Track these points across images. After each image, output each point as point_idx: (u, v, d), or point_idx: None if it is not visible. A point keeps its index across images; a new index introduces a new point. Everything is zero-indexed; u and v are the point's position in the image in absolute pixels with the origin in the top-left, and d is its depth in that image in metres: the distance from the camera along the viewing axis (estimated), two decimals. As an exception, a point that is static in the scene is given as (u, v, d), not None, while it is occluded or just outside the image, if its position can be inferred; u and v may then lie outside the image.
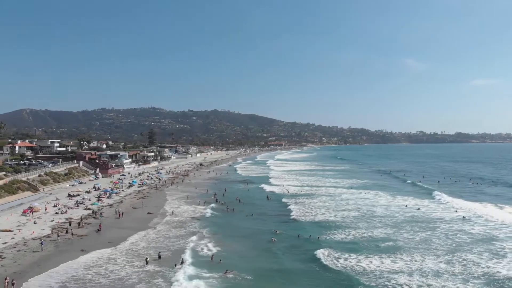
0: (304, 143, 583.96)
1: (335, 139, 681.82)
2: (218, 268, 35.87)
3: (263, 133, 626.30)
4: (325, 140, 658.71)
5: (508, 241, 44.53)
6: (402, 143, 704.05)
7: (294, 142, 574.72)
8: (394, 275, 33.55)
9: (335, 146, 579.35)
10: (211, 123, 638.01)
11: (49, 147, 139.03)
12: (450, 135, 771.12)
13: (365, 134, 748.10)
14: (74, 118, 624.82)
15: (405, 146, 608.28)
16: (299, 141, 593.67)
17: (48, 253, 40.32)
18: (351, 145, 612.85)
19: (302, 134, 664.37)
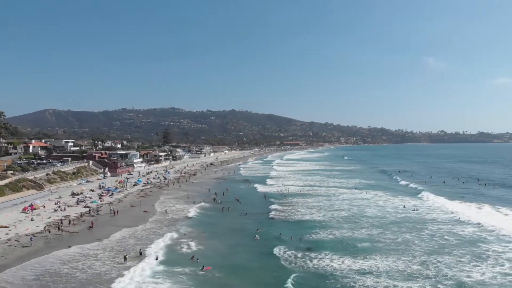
0: (321, 143, 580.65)
1: (354, 138, 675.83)
2: (191, 265, 36.96)
3: (280, 133, 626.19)
4: (343, 140, 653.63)
5: (494, 244, 44.01)
6: (422, 143, 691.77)
7: (311, 142, 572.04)
8: (361, 276, 33.83)
9: (352, 146, 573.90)
10: (228, 123, 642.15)
11: (63, 147, 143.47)
12: (472, 134, 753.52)
13: (384, 134, 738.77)
14: (95, 118, 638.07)
15: (424, 146, 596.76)
16: (316, 141, 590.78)
17: (36, 249, 42.23)
18: (369, 145, 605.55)
19: (320, 134, 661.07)
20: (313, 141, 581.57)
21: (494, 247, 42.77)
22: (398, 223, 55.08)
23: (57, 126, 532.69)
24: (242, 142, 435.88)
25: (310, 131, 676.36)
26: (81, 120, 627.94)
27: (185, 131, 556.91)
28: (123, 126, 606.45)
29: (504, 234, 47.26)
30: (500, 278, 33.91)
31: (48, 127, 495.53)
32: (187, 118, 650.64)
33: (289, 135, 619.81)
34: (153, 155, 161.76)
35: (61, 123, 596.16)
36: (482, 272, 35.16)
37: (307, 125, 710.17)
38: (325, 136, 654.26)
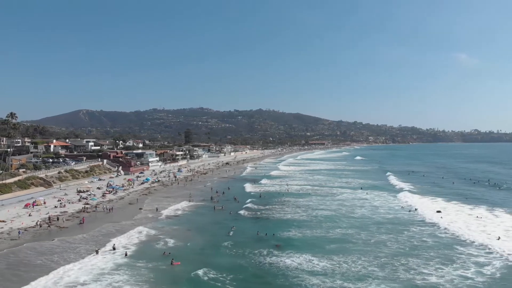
0: (349, 142, 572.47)
1: (383, 138, 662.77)
2: (160, 260, 38.80)
3: (307, 132, 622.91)
4: (372, 139, 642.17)
5: (470, 247, 43.14)
6: (454, 142, 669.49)
7: (338, 141, 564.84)
8: (310, 276, 34.30)
9: (380, 145, 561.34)
10: (255, 122, 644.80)
11: (83, 146, 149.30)
12: (507, 133, 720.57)
13: (415, 133, 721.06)
14: (127, 118, 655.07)
15: (456, 145, 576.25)
16: (343, 141, 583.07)
17: (23, 241, 45.36)
18: (398, 145, 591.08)
19: (348, 133, 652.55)
20: (340, 141, 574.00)
21: (470, 251, 42.00)
22: (381, 223, 55.02)
23: (90, 126, 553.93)
24: (267, 141, 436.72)
25: (337, 130, 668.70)
26: (113, 120, 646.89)
27: (213, 131, 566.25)
28: (154, 126, 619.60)
29: (481, 243, 44.51)
30: (458, 281, 33.47)
31: (81, 126, 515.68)
32: (215, 118, 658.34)
33: (316, 135, 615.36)
34: (170, 154, 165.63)
35: (94, 123, 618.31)
36: (440, 275, 34.82)
37: (334, 124, 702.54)
38: (353, 136, 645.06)
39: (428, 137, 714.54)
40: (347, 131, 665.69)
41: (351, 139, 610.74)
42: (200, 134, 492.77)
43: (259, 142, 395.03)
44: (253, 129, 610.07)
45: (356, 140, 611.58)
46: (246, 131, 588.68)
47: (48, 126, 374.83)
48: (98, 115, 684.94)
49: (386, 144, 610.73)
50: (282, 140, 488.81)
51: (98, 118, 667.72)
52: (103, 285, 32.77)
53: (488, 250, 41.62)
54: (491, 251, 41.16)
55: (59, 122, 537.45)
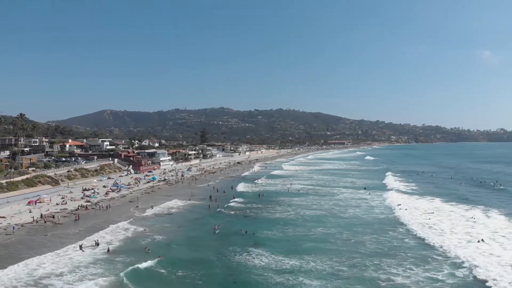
0: (370, 142, 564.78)
1: (405, 137, 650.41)
2: (140, 255, 40.19)
3: (327, 132, 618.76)
4: (394, 138, 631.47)
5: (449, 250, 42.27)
6: (479, 142, 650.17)
7: (358, 141, 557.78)
8: (274, 274, 34.91)
9: (401, 145, 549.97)
10: (275, 122, 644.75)
11: (99, 146, 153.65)
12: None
13: (439, 132, 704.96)
14: (150, 118, 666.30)
15: (479, 145, 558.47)
16: (364, 140, 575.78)
17: (17, 236, 47.84)
18: (421, 144, 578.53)
19: (369, 133, 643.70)
20: (361, 140, 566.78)
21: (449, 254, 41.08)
22: (369, 224, 54.96)
23: (114, 126, 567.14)
24: (286, 141, 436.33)
25: (359, 129, 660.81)
26: (136, 120, 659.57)
27: (233, 130, 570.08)
28: (175, 125, 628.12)
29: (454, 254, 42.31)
30: (424, 283, 33.28)
31: (105, 126, 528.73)
32: (235, 118, 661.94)
33: (336, 134, 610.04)
34: (183, 153, 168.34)
35: (118, 123, 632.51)
36: (407, 276, 34.78)
37: (356, 123, 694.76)
38: (374, 135, 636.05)
39: (452, 136, 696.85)
40: (368, 130, 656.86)
41: (373, 139, 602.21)
42: (219, 134, 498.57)
43: (276, 141, 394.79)
44: (272, 128, 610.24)
45: (377, 139, 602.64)
46: (266, 130, 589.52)
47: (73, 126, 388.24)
48: (121, 115, 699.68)
49: (408, 143, 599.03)
50: (301, 139, 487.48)
51: (121, 118, 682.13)
52: (76, 276, 34.46)
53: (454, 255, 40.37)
54: (458, 256, 39.94)
55: (84, 122, 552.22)
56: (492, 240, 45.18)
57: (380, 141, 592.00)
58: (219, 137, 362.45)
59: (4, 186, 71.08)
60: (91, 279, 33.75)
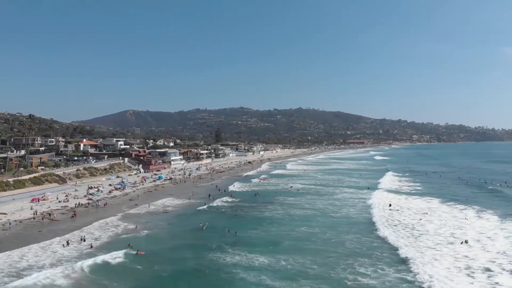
0: (390, 141, 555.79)
1: (427, 136, 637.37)
2: (121, 250, 41.72)
3: (347, 131, 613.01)
4: (416, 138, 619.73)
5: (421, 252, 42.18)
6: (504, 141, 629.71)
7: (379, 140, 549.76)
8: (243, 271, 35.47)
9: (422, 144, 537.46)
10: (294, 121, 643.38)
11: (113, 145, 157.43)
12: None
13: (462, 131, 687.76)
14: (171, 118, 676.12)
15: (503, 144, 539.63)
16: (386, 139, 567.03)
17: (13, 231, 50.27)
18: (443, 144, 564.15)
19: (391, 132, 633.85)
20: (382, 140, 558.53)
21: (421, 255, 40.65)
22: (356, 224, 54.93)
23: (136, 126, 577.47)
24: (304, 140, 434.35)
25: (380, 128, 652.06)
26: (158, 120, 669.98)
27: (252, 130, 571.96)
28: (196, 125, 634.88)
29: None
30: (390, 284, 33.15)
31: (128, 126, 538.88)
32: (254, 117, 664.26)
33: (357, 133, 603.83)
34: (195, 153, 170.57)
35: (140, 122, 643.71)
36: (375, 277, 34.62)
37: (377, 122, 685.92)
38: (396, 134, 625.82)
39: (476, 135, 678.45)
40: (390, 129, 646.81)
41: (394, 138, 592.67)
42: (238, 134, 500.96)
43: (294, 141, 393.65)
44: (292, 128, 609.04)
45: (399, 139, 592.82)
46: (285, 130, 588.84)
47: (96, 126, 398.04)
48: (144, 115, 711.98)
49: (429, 143, 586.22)
50: (320, 139, 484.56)
51: (144, 118, 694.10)
52: (57, 268, 36.23)
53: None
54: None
55: (107, 122, 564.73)
56: (477, 241, 44.50)
57: (402, 140, 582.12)
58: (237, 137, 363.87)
59: (11, 184, 74.18)
60: (53, 270, 35.69)
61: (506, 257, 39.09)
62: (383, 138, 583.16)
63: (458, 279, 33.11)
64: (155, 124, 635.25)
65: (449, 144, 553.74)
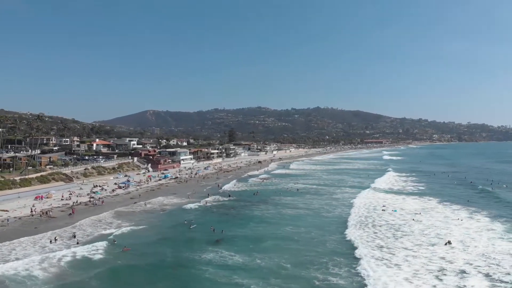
0: (410, 140, 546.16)
1: (448, 136, 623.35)
2: (106, 246, 43.40)
3: (366, 130, 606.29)
4: (436, 137, 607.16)
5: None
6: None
7: (399, 139, 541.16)
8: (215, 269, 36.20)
9: (442, 144, 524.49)
10: (312, 120, 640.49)
11: (125, 145, 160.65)
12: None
13: (485, 131, 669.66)
14: (190, 118, 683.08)
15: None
16: (405, 139, 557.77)
17: (10, 228, 52.41)
18: (464, 143, 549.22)
19: (411, 131, 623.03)
20: (401, 139, 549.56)
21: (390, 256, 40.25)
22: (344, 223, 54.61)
23: (156, 126, 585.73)
24: (320, 140, 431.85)
25: (400, 128, 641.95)
26: (177, 120, 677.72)
27: (269, 130, 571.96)
28: (214, 125, 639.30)
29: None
30: (359, 284, 33.32)
31: (148, 126, 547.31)
32: (272, 117, 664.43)
33: (376, 133, 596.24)
34: (205, 152, 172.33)
35: (160, 122, 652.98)
36: (347, 276, 34.79)
37: (397, 121, 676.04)
38: (416, 134, 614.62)
39: (498, 135, 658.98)
40: (410, 129, 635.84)
41: (414, 138, 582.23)
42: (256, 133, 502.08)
43: (309, 140, 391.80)
44: (309, 127, 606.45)
45: (419, 138, 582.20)
46: (303, 129, 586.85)
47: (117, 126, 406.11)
48: (163, 115, 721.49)
49: (451, 142, 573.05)
50: (338, 138, 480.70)
51: (163, 118, 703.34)
52: (43, 261, 38.23)
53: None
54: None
55: (127, 122, 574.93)
56: (460, 243, 43.92)
57: (421, 140, 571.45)
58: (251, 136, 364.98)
59: (17, 182, 76.97)
60: (32, 262, 37.59)
61: (485, 259, 38.52)
62: (403, 137, 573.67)
63: (419, 282, 32.74)
64: (174, 124, 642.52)
65: (470, 143, 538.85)
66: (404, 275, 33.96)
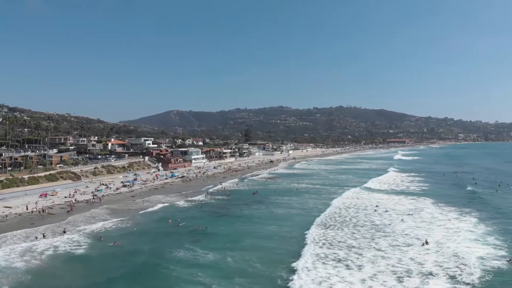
0: (434, 140, 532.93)
1: (474, 135, 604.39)
2: (93, 241, 45.54)
3: (390, 130, 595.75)
4: (462, 137, 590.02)
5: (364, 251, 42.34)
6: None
7: (422, 139, 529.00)
8: (180, 267, 37.32)
9: (467, 143, 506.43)
10: (334, 119, 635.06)
11: (141, 144, 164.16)
12: None
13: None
14: (212, 117, 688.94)
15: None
16: (429, 138, 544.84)
17: (9, 223, 55.26)
18: (490, 143, 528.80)
19: (436, 130, 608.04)
20: (425, 139, 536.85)
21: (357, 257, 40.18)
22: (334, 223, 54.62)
23: (180, 126, 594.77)
24: (341, 139, 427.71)
25: (425, 127, 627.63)
26: (200, 120, 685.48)
27: (290, 129, 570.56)
28: (235, 124, 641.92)
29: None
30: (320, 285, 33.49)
31: (171, 126, 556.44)
32: (293, 116, 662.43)
33: (400, 132, 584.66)
34: (218, 152, 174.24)
35: (183, 122, 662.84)
36: (312, 278, 34.60)
37: (422, 120, 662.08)
38: (441, 133, 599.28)
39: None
40: (435, 128, 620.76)
41: (439, 137, 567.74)
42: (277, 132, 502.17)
43: (328, 140, 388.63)
44: (331, 126, 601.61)
45: (444, 138, 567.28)
46: (324, 129, 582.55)
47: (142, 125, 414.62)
48: (187, 115, 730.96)
49: (476, 142, 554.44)
50: (360, 138, 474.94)
51: (187, 118, 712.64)
52: (18, 253, 40.63)
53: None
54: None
55: (152, 122, 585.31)
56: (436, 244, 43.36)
57: (446, 139, 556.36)
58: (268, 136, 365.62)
59: (25, 181, 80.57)
60: (14, 254, 39.99)
61: (457, 259, 38.18)
62: (427, 137, 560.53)
63: (374, 283, 32.65)
64: (197, 124, 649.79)
65: (496, 143, 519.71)
66: (361, 276, 33.88)
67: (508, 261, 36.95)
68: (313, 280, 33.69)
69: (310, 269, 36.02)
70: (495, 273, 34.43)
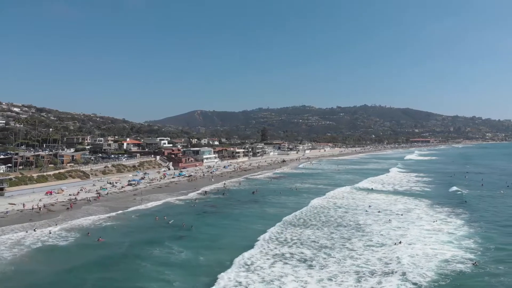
0: (460, 139, 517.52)
1: (502, 134, 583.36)
2: (80, 237, 47.68)
3: (415, 129, 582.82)
4: (489, 136, 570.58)
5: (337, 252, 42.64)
6: None
7: (448, 138, 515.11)
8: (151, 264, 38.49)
9: (493, 143, 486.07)
10: (358, 118, 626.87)
11: (155, 144, 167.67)
12: None
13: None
14: (235, 117, 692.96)
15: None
16: (456, 138, 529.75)
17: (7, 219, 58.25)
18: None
19: (462, 129, 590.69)
20: (451, 138, 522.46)
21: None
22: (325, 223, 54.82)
23: (203, 125, 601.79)
24: (363, 139, 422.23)
25: (451, 126, 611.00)
26: (223, 119, 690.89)
27: (312, 129, 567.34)
28: (258, 124, 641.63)
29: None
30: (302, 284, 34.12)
31: (195, 125, 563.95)
32: (316, 115, 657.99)
33: (425, 131, 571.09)
34: (230, 151, 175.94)
35: (207, 122, 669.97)
36: (297, 277, 34.81)
37: (449, 119, 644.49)
38: (468, 132, 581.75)
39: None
40: (462, 127, 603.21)
41: (466, 137, 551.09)
42: (299, 132, 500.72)
43: (349, 139, 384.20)
44: (355, 126, 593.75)
45: (470, 137, 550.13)
46: (348, 128, 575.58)
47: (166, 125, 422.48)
48: (210, 115, 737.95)
49: (505, 141, 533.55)
50: (384, 137, 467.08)
51: (210, 118, 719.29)
52: (20, 246, 43.21)
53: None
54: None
55: (176, 122, 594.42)
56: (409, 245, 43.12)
57: (473, 139, 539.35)
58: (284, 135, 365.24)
59: (34, 179, 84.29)
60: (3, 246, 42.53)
61: (419, 261, 37.99)
62: (453, 136, 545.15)
63: (331, 282, 32.96)
64: (220, 124, 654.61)
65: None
66: (320, 276, 34.12)
67: (473, 264, 36.43)
68: (263, 278, 34.08)
69: (264, 268, 36.45)
70: (453, 276, 34.00)
